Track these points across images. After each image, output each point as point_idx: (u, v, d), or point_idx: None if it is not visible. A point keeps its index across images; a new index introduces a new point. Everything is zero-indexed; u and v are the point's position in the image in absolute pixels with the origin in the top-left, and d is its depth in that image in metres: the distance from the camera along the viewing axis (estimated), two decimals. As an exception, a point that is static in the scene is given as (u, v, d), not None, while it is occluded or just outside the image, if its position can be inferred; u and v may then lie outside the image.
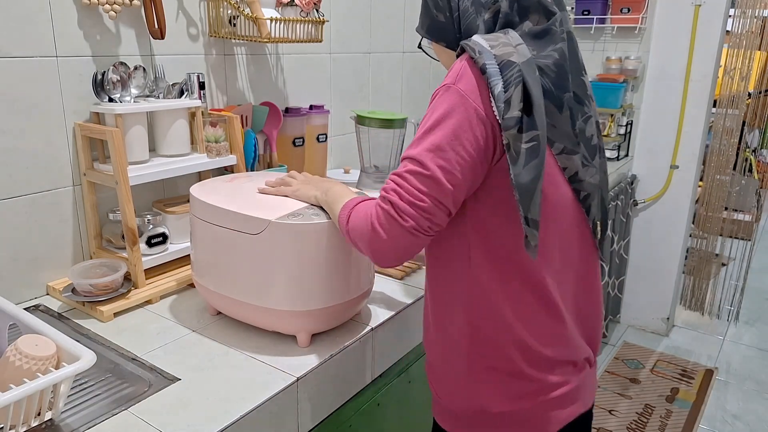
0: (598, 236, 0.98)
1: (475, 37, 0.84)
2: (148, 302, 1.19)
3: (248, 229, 0.99)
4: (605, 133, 2.78)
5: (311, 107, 1.72)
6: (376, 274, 1.39)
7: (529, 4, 0.86)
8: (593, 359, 1.00)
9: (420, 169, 0.81)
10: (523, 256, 0.87)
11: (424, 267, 1.39)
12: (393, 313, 1.19)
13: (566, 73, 0.86)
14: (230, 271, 1.04)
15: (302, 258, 0.99)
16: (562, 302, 0.92)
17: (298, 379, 0.96)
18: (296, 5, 1.44)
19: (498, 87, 0.79)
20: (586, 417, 0.98)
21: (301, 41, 1.47)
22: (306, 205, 1.04)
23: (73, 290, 1.16)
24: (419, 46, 1.08)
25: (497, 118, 0.80)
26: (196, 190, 1.10)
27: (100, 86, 1.19)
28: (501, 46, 0.82)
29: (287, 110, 1.66)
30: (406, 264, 1.39)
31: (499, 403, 0.91)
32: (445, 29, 0.91)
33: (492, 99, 0.80)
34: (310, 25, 1.48)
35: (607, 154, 2.77)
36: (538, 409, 0.91)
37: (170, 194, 1.40)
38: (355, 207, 0.90)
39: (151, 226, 1.25)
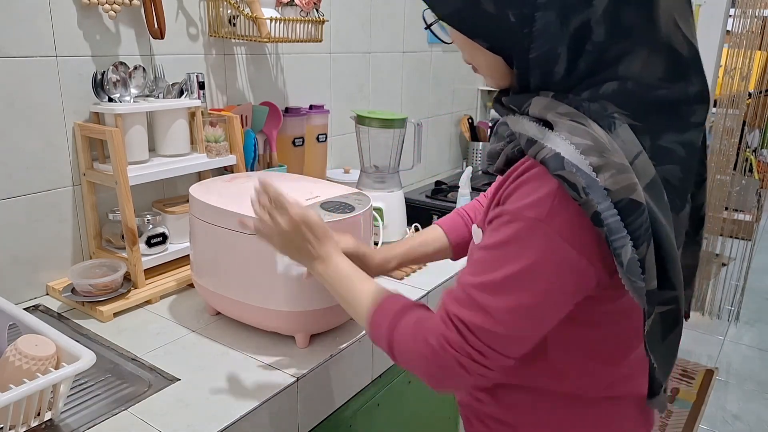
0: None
1: (564, 148, 0.57)
2: (148, 302, 1.19)
3: (248, 230, 0.99)
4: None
5: (311, 107, 1.72)
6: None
7: (637, 29, 0.59)
8: None
9: (497, 329, 0.63)
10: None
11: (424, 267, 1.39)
12: (393, 313, 1.18)
13: (693, 171, 0.64)
14: (230, 272, 1.04)
15: None
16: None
17: (297, 380, 0.96)
18: (296, 5, 1.44)
19: (627, 250, 0.56)
20: None
21: (301, 41, 1.47)
22: (305, 205, 1.03)
23: (73, 290, 1.16)
24: (428, 27, 0.77)
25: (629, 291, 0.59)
26: (196, 190, 1.10)
27: (99, 86, 1.19)
28: (615, 171, 0.55)
29: (287, 110, 1.66)
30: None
31: None
32: (491, 26, 0.62)
33: (618, 264, 0.57)
34: (310, 25, 1.47)
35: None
36: None
37: (170, 194, 1.40)
38: (398, 329, 0.72)
39: (151, 226, 1.25)
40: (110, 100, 1.20)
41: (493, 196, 0.67)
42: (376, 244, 1.41)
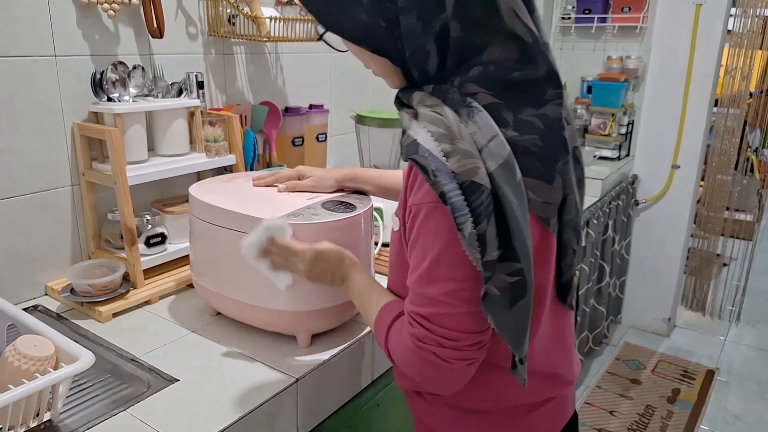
0: (570, 293, 0.87)
1: (422, 136, 0.66)
2: (147, 302, 1.19)
3: (248, 229, 0.99)
4: (606, 132, 2.78)
5: (311, 107, 1.72)
6: (376, 274, 1.39)
7: (489, 24, 0.68)
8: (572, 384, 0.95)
9: (449, 310, 0.69)
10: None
11: None
12: (393, 313, 1.18)
13: (558, 142, 0.72)
14: (230, 272, 1.04)
15: None
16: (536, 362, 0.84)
17: (297, 380, 0.96)
18: (296, 4, 1.44)
19: (467, 225, 0.63)
20: (571, 426, 0.95)
21: (301, 40, 1.46)
22: (306, 205, 1.03)
23: (72, 290, 1.16)
24: (320, 38, 0.83)
25: (466, 262, 0.66)
26: (196, 190, 1.10)
27: (98, 86, 1.19)
28: (459, 157, 0.64)
29: (287, 110, 1.66)
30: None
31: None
32: (370, 33, 0.71)
33: (461, 237, 0.64)
34: (309, 24, 1.47)
35: (608, 154, 2.77)
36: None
37: (169, 194, 1.40)
38: (390, 335, 0.78)
39: (150, 226, 1.25)
40: (109, 99, 1.20)
41: (405, 187, 0.75)
42: (376, 244, 1.41)
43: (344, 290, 0.90)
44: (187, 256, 1.28)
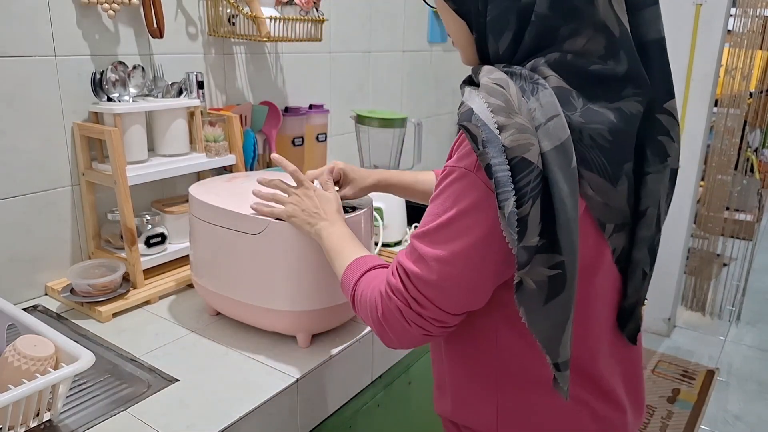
0: (633, 321, 0.77)
1: (478, 105, 0.62)
2: (147, 302, 1.19)
3: (248, 229, 0.99)
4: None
5: (311, 107, 1.72)
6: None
7: (582, 9, 0.64)
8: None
9: (431, 276, 0.67)
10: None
11: None
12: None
13: (630, 139, 0.67)
14: (230, 272, 1.04)
15: (302, 258, 0.99)
16: (609, 385, 0.77)
17: (297, 380, 0.96)
18: (296, 4, 1.44)
19: (509, 203, 0.59)
20: None
21: (301, 40, 1.46)
22: None
23: (72, 290, 1.16)
24: None
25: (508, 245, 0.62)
26: (196, 190, 1.10)
27: (98, 86, 1.19)
28: (514, 131, 0.60)
29: (287, 110, 1.66)
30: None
31: None
32: None
33: (500, 215, 0.60)
34: (309, 24, 1.47)
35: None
36: None
37: (169, 194, 1.40)
38: (357, 283, 0.79)
39: (150, 226, 1.25)
40: (109, 99, 1.20)
41: (450, 155, 0.71)
42: (376, 244, 1.41)
43: (323, 227, 0.91)
44: (187, 256, 1.29)
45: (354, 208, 1.05)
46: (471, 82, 0.70)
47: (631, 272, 0.74)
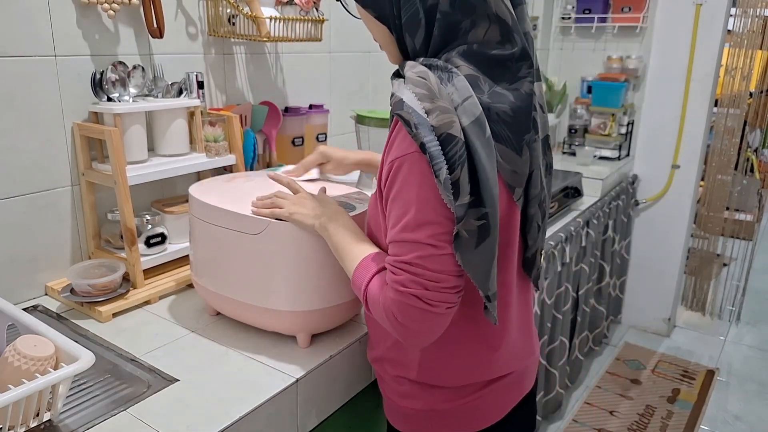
0: (536, 267, 0.94)
1: (407, 96, 0.74)
2: (147, 302, 1.19)
3: (248, 230, 0.99)
4: (606, 132, 2.78)
5: (311, 107, 1.72)
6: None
7: (475, 4, 0.76)
8: (535, 357, 1.03)
9: (432, 251, 0.75)
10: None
11: None
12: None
13: (527, 115, 0.79)
14: (230, 272, 1.04)
15: (302, 258, 0.99)
16: (503, 327, 0.92)
17: (297, 380, 0.96)
18: (296, 4, 1.44)
19: (443, 172, 0.71)
20: (529, 397, 1.03)
21: (301, 40, 1.46)
22: None
23: (72, 290, 1.16)
24: (339, 0, 0.99)
25: (447, 205, 0.74)
26: (195, 190, 1.10)
27: (98, 86, 1.19)
28: (438, 113, 0.72)
29: (287, 110, 1.66)
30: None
31: (447, 403, 0.93)
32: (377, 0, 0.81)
33: (437, 182, 0.72)
34: (309, 24, 1.47)
35: (608, 154, 2.77)
36: (482, 401, 0.94)
37: (169, 194, 1.40)
38: (369, 286, 0.84)
39: (150, 226, 1.25)
40: (109, 99, 1.20)
41: (386, 146, 0.81)
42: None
43: (328, 224, 0.93)
44: (187, 256, 1.29)
45: (353, 207, 1.05)
46: (398, 75, 0.82)
47: (529, 226, 0.89)
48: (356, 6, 0.86)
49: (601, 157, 2.75)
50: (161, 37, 1.28)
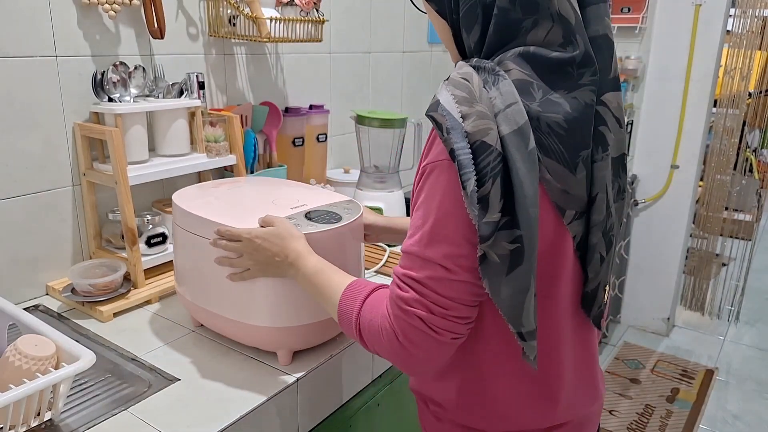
0: (597, 304, 0.81)
1: (444, 98, 0.67)
2: (148, 302, 1.19)
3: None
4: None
5: (311, 107, 1.72)
6: (370, 275, 1.39)
7: (539, 2, 0.68)
8: (599, 404, 0.90)
9: (445, 275, 0.68)
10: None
11: None
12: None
13: (585, 128, 0.70)
14: (209, 283, 0.99)
15: None
16: (557, 380, 0.80)
17: (298, 380, 0.96)
18: (296, 5, 1.44)
19: (470, 183, 0.63)
20: None
21: (301, 41, 1.47)
22: (287, 215, 0.97)
23: (73, 290, 1.16)
24: None
25: (470, 225, 0.66)
26: (177, 197, 1.06)
27: (99, 86, 1.19)
28: (475, 118, 0.65)
29: (287, 110, 1.66)
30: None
31: None
32: None
33: (464, 194, 0.64)
34: (309, 25, 1.47)
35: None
36: None
37: (170, 194, 1.39)
38: (360, 314, 0.76)
39: (151, 226, 1.25)
40: (110, 100, 1.20)
41: (423, 152, 0.74)
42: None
43: (293, 274, 0.87)
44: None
45: (339, 218, 0.99)
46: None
47: (590, 257, 0.77)
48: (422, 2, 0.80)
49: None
50: (162, 37, 1.28)
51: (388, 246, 1.43)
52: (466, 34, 0.73)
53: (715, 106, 2.88)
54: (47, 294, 1.22)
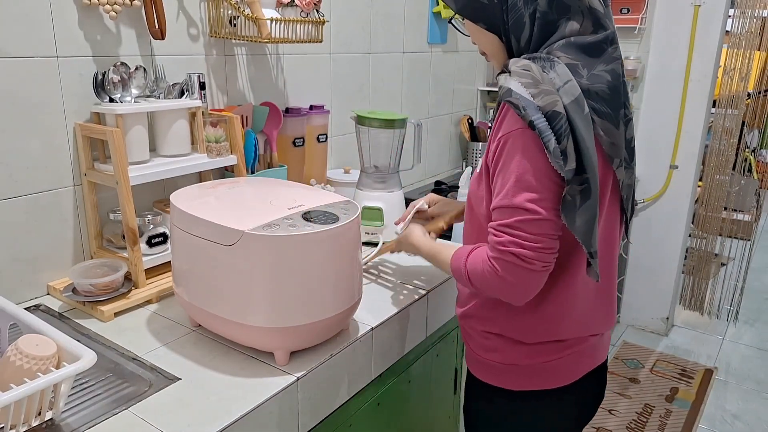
0: (627, 224, 1.08)
1: (514, 85, 0.86)
2: (149, 302, 1.19)
3: (222, 240, 0.94)
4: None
5: (311, 107, 1.72)
6: (370, 282, 1.40)
7: (570, 3, 0.88)
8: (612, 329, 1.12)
9: (532, 216, 0.86)
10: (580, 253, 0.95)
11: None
12: (394, 312, 1.19)
13: (621, 93, 0.91)
14: (206, 284, 0.99)
15: (278, 271, 0.94)
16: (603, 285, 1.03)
17: (298, 379, 0.96)
18: (296, 5, 1.44)
19: (551, 142, 0.83)
20: (602, 368, 1.11)
21: (302, 41, 1.47)
22: (284, 215, 0.98)
23: (74, 290, 1.17)
24: (450, 21, 1.09)
25: (558, 172, 0.84)
26: (175, 198, 1.06)
27: (100, 86, 1.20)
28: (543, 95, 0.84)
29: (287, 110, 1.66)
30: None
31: (527, 359, 1.03)
32: (486, 11, 0.92)
33: (547, 152, 0.83)
34: (310, 26, 1.48)
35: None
36: (559, 363, 1.03)
37: (170, 194, 1.40)
38: (467, 263, 0.95)
39: (152, 226, 1.26)
40: (111, 100, 1.20)
41: (493, 129, 0.93)
42: (375, 245, 1.41)
43: (418, 250, 1.15)
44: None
45: (336, 218, 1.00)
46: (503, 72, 0.93)
47: (628, 192, 1.01)
48: (465, 23, 0.99)
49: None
50: (163, 38, 1.28)
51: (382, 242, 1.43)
52: (515, 39, 0.92)
53: (714, 106, 2.88)
54: (48, 294, 1.22)
